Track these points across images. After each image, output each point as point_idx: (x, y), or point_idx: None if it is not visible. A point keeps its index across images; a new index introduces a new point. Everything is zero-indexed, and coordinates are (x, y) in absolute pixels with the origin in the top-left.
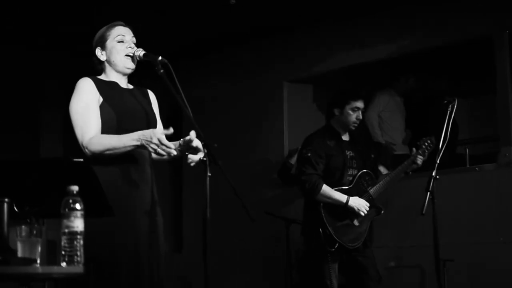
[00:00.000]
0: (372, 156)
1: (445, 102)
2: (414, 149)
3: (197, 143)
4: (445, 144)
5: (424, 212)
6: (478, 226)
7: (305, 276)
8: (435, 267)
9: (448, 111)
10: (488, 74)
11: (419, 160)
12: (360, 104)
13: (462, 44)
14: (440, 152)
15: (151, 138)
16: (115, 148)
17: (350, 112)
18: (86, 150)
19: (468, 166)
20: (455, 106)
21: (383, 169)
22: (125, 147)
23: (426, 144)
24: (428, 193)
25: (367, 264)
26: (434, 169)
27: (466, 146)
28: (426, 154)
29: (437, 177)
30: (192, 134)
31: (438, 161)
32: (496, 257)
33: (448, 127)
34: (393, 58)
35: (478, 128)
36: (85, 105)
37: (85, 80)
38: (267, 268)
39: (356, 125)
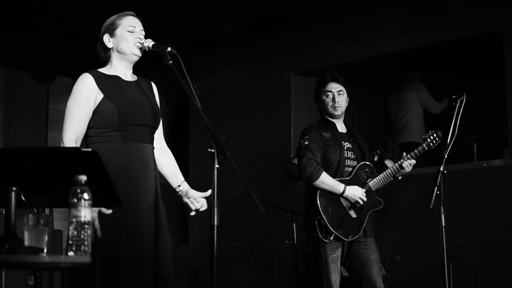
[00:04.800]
0: (378, 151)
1: (454, 97)
2: (404, 154)
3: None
4: (453, 139)
5: (431, 206)
6: (485, 222)
7: (309, 268)
8: (441, 262)
9: (457, 106)
10: (498, 69)
11: (406, 164)
12: (331, 86)
13: (471, 40)
14: (448, 147)
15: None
16: None
17: (325, 98)
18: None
19: (475, 161)
20: (464, 102)
21: (390, 164)
22: None
23: (432, 137)
24: (436, 187)
25: (372, 257)
26: (441, 164)
27: (474, 141)
28: (433, 147)
29: (445, 172)
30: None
31: (445, 156)
32: (503, 253)
33: (457, 123)
34: (402, 52)
35: (486, 123)
36: (75, 104)
37: (84, 77)
38: (272, 260)
39: (336, 107)
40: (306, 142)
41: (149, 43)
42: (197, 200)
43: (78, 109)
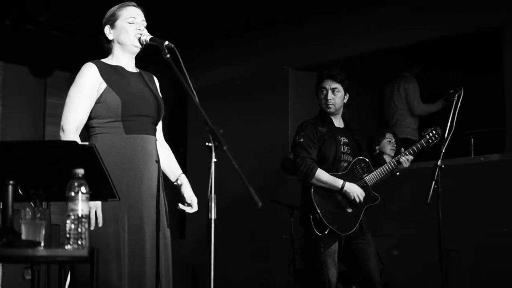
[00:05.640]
0: (377, 148)
1: (452, 92)
2: (402, 149)
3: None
4: (450, 134)
5: (429, 201)
6: (482, 216)
7: (306, 263)
8: (439, 256)
9: (455, 101)
10: (496, 65)
11: (403, 160)
12: (326, 83)
13: (470, 36)
14: (446, 142)
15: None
16: None
17: (320, 94)
18: (61, 134)
19: (473, 156)
20: (462, 96)
21: (388, 159)
22: None
23: (431, 134)
24: (433, 182)
25: (369, 252)
26: (439, 159)
27: (471, 136)
28: (431, 144)
29: (442, 166)
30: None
31: (443, 151)
32: (500, 247)
33: (454, 117)
34: (402, 47)
35: (484, 119)
36: (79, 92)
37: (88, 66)
38: (270, 254)
39: (329, 105)
40: (301, 140)
41: (147, 36)
42: (190, 203)
43: (80, 98)
